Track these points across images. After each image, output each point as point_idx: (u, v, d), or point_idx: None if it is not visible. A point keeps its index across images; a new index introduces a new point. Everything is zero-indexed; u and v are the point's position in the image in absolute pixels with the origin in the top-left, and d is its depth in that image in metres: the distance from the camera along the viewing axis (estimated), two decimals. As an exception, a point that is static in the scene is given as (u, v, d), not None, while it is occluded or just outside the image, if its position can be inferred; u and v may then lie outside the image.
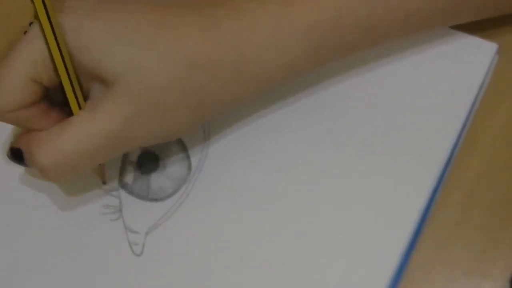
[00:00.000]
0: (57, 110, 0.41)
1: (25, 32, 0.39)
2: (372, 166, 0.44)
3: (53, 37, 0.38)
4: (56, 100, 0.41)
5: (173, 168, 0.45)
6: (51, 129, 0.39)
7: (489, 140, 0.43)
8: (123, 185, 0.46)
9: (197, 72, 0.39)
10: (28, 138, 0.40)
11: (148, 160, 0.46)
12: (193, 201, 0.45)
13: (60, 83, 0.39)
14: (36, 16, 0.38)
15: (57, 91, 0.40)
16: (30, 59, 0.38)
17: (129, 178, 0.46)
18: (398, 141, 0.44)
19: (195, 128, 0.43)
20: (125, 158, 0.46)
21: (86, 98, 0.40)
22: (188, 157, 0.46)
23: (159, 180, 0.45)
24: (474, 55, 0.44)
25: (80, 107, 0.40)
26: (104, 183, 0.46)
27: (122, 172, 0.46)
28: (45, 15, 0.37)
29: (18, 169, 0.46)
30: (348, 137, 0.44)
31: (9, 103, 0.39)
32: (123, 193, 0.46)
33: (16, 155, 0.41)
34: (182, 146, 0.46)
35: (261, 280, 0.43)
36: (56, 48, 0.38)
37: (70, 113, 0.40)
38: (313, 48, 0.40)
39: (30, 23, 0.39)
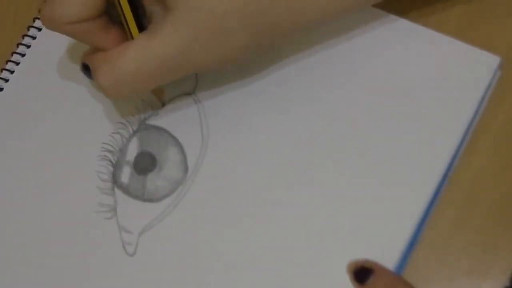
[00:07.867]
0: (118, 29, 0.42)
1: None
2: (374, 166, 0.43)
3: None
4: (117, 19, 0.42)
5: (169, 169, 0.45)
6: (112, 50, 0.41)
7: (489, 140, 0.43)
8: (118, 185, 0.45)
9: None
10: (93, 56, 0.42)
11: (145, 160, 0.45)
12: (188, 203, 0.44)
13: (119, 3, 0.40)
14: None
15: (118, 11, 0.41)
16: None
17: (125, 177, 0.45)
18: (400, 147, 0.43)
19: (252, 53, 0.43)
20: (122, 157, 0.46)
21: (149, 21, 0.41)
22: (185, 159, 0.45)
23: (155, 180, 0.45)
24: (477, 67, 0.44)
25: (139, 30, 0.41)
26: (163, 104, 0.46)
27: (118, 171, 0.46)
28: None
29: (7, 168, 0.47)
30: (351, 137, 0.44)
31: (69, 15, 0.40)
32: (118, 193, 0.45)
33: (85, 69, 0.43)
34: (179, 147, 0.45)
35: (256, 283, 0.42)
36: None
37: (130, 34, 0.41)
38: None
39: None
